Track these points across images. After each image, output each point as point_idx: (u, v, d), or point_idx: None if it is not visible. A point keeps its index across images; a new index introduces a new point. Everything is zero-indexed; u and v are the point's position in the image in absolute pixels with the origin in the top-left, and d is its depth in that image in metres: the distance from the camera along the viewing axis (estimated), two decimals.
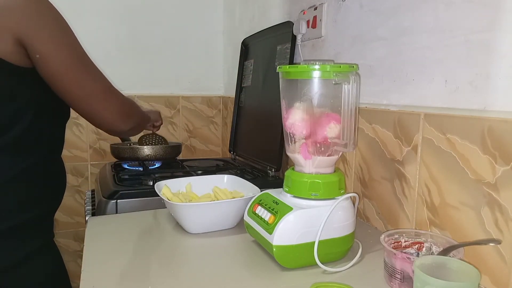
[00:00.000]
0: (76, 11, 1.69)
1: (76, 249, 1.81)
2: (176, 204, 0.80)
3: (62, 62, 0.75)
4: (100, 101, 0.82)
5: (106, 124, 0.86)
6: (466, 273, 0.50)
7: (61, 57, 0.75)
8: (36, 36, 0.72)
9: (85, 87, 0.79)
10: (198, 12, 1.90)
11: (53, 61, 0.74)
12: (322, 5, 1.05)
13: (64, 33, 0.77)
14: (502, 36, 0.59)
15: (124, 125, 0.88)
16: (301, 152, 0.71)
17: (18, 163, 0.77)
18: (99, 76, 0.83)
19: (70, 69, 0.76)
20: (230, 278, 0.64)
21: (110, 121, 0.85)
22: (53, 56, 0.74)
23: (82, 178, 1.78)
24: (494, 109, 0.60)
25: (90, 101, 0.81)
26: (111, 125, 0.86)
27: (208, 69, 1.95)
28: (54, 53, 0.74)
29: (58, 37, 0.75)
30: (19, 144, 0.77)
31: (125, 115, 0.88)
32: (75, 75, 0.77)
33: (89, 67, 0.81)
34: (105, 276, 0.64)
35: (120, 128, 0.88)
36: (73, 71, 0.77)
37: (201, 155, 1.95)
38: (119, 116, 0.86)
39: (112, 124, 0.86)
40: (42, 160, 0.82)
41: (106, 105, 0.83)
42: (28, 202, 0.80)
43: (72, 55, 0.77)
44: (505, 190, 0.58)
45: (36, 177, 0.81)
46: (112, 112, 0.84)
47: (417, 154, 0.75)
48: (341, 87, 0.65)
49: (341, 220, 0.68)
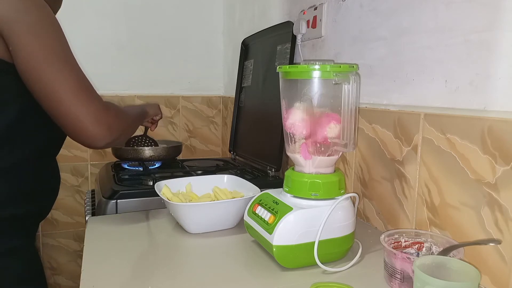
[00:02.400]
0: (76, 11, 1.69)
1: (76, 249, 1.81)
2: (176, 204, 0.80)
3: (32, 54, 0.70)
4: (71, 98, 0.72)
5: (80, 131, 0.73)
6: (466, 273, 0.50)
7: (33, 49, 0.70)
8: (13, 28, 0.70)
9: (55, 82, 0.71)
10: (198, 12, 1.90)
11: (23, 53, 0.70)
12: (322, 5, 1.05)
13: (43, 25, 0.72)
14: (502, 36, 0.59)
15: (101, 136, 0.74)
16: (301, 152, 0.71)
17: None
18: (76, 74, 0.74)
19: (40, 62, 0.71)
20: (230, 278, 0.64)
21: (83, 127, 0.73)
22: (24, 48, 0.70)
23: (82, 178, 1.78)
24: (494, 109, 0.60)
25: (59, 96, 0.71)
26: (85, 133, 0.73)
27: (208, 69, 1.95)
28: (26, 45, 0.70)
29: (34, 30, 0.71)
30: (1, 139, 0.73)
31: (103, 123, 0.74)
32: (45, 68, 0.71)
33: (64, 63, 0.73)
34: (105, 276, 0.64)
35: (96, 138, 0.74)
36: (43, 64, 0.71)
37: (201, 155, 1.95)
38: (95, 123, 0.73)
39: (86, 132, 0.73)
40: (24, 161, 0.78)
41: (78, 105, 0.72)
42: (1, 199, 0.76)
43: (45, 48, 0.71)
44: (505, 190, 0.58)
45: (13, 176, 0.77)
46: (86, 116, 0.72)
47: (417, 154, 0.75)
48: (341, 87, 0.66)
49: (341, 220, 0.68)
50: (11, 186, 0.77)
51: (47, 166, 0.87)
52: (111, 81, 1.79)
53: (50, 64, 0.71)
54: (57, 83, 0.72)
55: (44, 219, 0.89)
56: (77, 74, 0.75)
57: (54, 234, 1.78)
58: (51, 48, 0.73)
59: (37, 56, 0.71)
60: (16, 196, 0.79)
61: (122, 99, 1.80)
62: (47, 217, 1.71)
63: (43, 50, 0.71)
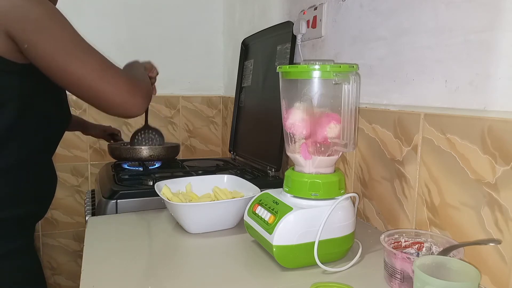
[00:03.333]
0: (76, 11, 1.69)
1: (76, 249, 1.81)
2: (176, 204, 0.80)
3: (50, 49, 0.72)
4: (99, 80, 0.75)
5: (116, 105, 0.77)
6: (466, 273, 0.50)
7: (50, 43, 0.72)
8: (21, 26, 0.70)
9: (79, 69, 0.74)
10: (198, 12, 1.90)
11: (41, 49, 0.71)
12: (322, 5, 1.05)
13: (50, 18, 0.73)
14: (502, 36, 0.59)
15: (136, 101, 0.79)
16: (301, 152, 0.71)
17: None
18: (94, 55, 0.77)
19: (59, 52, 0.72)
20: (230, 278, 0.64)
21: (119, 100, 0.77)
22: (41, 44, 0.71)
23: (82, 178, 1.78)
24: (494, 109, 0.60)
25: (88, 83, 0.74)
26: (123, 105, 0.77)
27: (208, 69, 1.95)
28: (42, 41, 0.71)
29: (44, 23, 0.72)
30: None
31: (132, 89, 0.79)
32: (66, 58, 0.73)
33: (80, 48, 0.75)
34: (105, 276, 0.64)
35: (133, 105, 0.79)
36: (62, 54, 0.72)
37: (201, 155, 1.95)
38: (127, 92, 0.78)
39: (123, 103, 0.77)
40: (23, 161, 0.78)
41: (108, 84, 0.76)
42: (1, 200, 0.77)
43: (61, 40, 0.73)
44: (505, 190, 0.58)
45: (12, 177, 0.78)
46: (117, 90, 0.77)
47: (417, 154, 0.75)
48: (341, 87, 0.65)
49: (341, 220, 0.68)
50: (10, 187, 0.77)
51: (45, 165, 0.87)
52: None
53: (69, 54, 0.73)
54: (82, 70, 0.74)
55: (42, 219, 0.89)
56: (96, 57, 0.78)
57: (54, 234, 1.78)
58: (64, 38, 0.74)
59: (55, 49, 0.72)
60: (15, 196, 0.79)
61: None
62: (47, 217, 1.73)
63: (60, 42, 0.73)
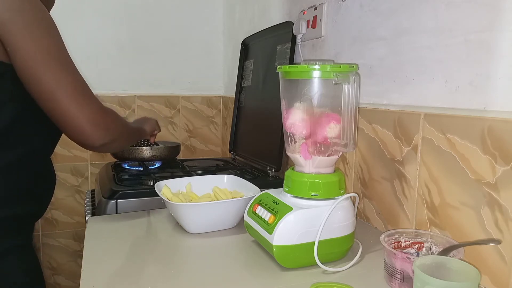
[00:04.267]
0: (76, 11, 1.69)
1: (76, 249, 1.81)
2: (176, 204, 0.80)
3: (29, 55, 0.70)
4: (68, 98, 0.72)
5: (77, 131, 0.74)
6: (466, 273, 0.50)
7: (30, 50, 0.70)
8: (8, 29, 0.70)
9: (52, 82, 0.71)
10: (198, 12, 1.90)
11: (20, 54, 0.70)
12: (322, 5, 1.05)
13: (38, 24, 0.72)
14: (502, 36, 0.59)
15: (98, 136, 0.75)
16: (301, 152, 0.71)
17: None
18: (73, 74, 0.75)
19: (38, 62, 0.71)
20: (230, 278, 0.64)
21: (80, 127, 0.73)
22: (22, 48, 0.70)
23: (82, 178, 1.78)
24: (494, 109, 0.60)
25: (58, 97, 0.72)
26: (82, 133, 0.74)
27: (208, 69, 1.95)
28: (23, 46, 0.70)
29: (30, 30, 0.71)
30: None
31: (100, 124, 0.76)
32: (43, 68, 0.71)
33: (61, 63, 0.74)
34: (105, 276, 0.64)
35: (93, 138, 0.75)
36: (40, 64, 0.71)
37: (201, 155, 1.95)
38: (93, 123, 0.74)
39: (83, 132, 0.74)
40: (21, 161, 0.78)
41: (75, 105, 0.73)
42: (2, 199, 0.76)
43: (42, 49, 0.72)
44: (505, 190, 0.58)
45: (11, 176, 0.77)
46: (84, 116, 0.73)
47: (417, 154, 0.75)
48: (341, 87, 0.66)
49: (341, 220, 0.68)
50: (9, 186, 0.77)
51: (43, 165, 0.87)
52: (111, 81, 1.79)
53: (47, 65, 0.72)
54: (54, 84, 0.72)
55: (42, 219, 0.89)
56: (73, 75, 0.75)
57: (54, 234, 1.78)
58: (48, 49, 0.73)
59: (34, 57, 0.71)
60: (13, 196, 0.79)
61: (122, 99, 1.80)
62: (47, 217, 1.73)
63: (40, 50, 0.72)
